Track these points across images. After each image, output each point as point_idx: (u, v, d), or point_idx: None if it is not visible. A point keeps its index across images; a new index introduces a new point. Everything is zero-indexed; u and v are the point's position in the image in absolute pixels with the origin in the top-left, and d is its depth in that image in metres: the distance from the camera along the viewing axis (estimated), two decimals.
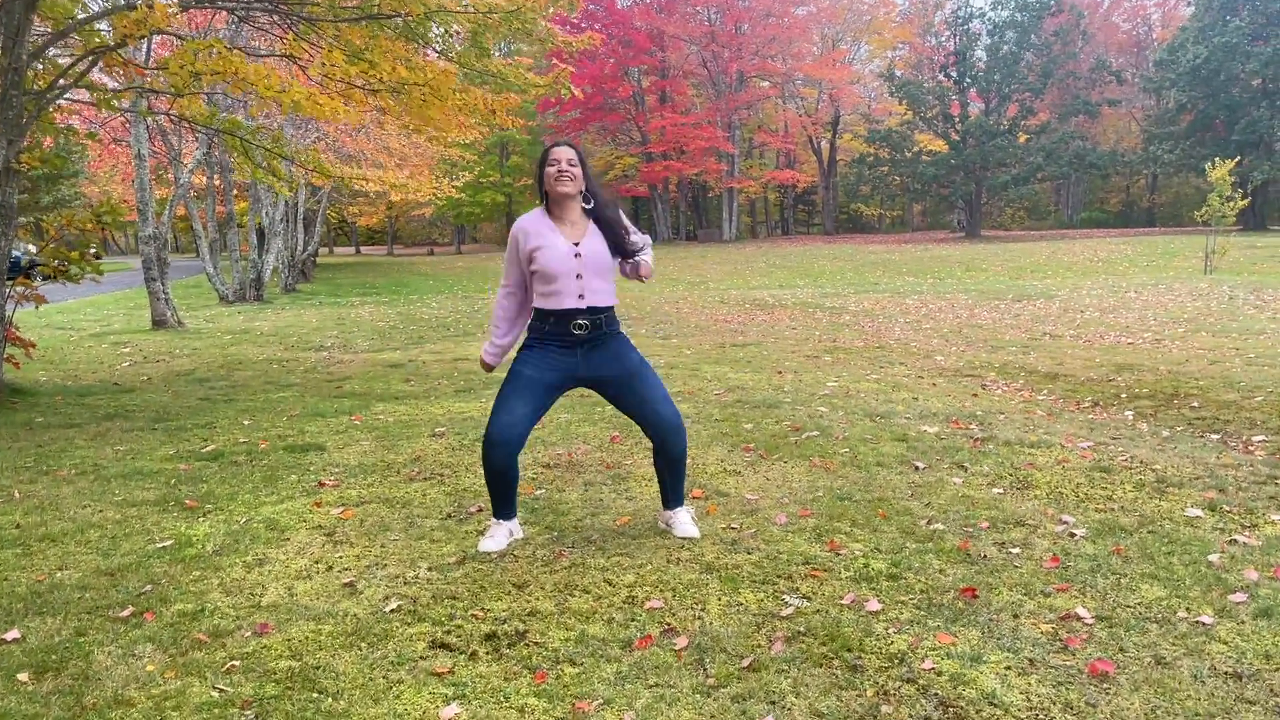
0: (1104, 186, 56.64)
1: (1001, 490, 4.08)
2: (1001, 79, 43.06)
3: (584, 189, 3.40)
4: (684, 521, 3.57)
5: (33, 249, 8.22)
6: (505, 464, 3.38)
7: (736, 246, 44.23)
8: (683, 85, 51.83)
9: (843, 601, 2.86)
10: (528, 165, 53.59)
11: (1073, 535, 3.45)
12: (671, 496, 3.61)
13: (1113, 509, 3.78)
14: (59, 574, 3.31)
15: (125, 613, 2.94)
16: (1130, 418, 6.04)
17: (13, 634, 2.80)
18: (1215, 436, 5.34)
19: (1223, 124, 40.73)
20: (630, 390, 3.45)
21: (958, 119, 44.07)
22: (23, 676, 2.53)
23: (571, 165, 3.35)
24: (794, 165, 56.04)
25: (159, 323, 13.75)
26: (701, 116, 49.59)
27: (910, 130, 45.66)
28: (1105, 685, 2.31)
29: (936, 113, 44.22)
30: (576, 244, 3.35)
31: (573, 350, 3.38)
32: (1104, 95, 45.68)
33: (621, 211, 3.57)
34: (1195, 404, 6.43)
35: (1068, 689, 2.30)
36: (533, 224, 3.41)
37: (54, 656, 2.64)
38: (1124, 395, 6.86)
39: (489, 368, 3.64)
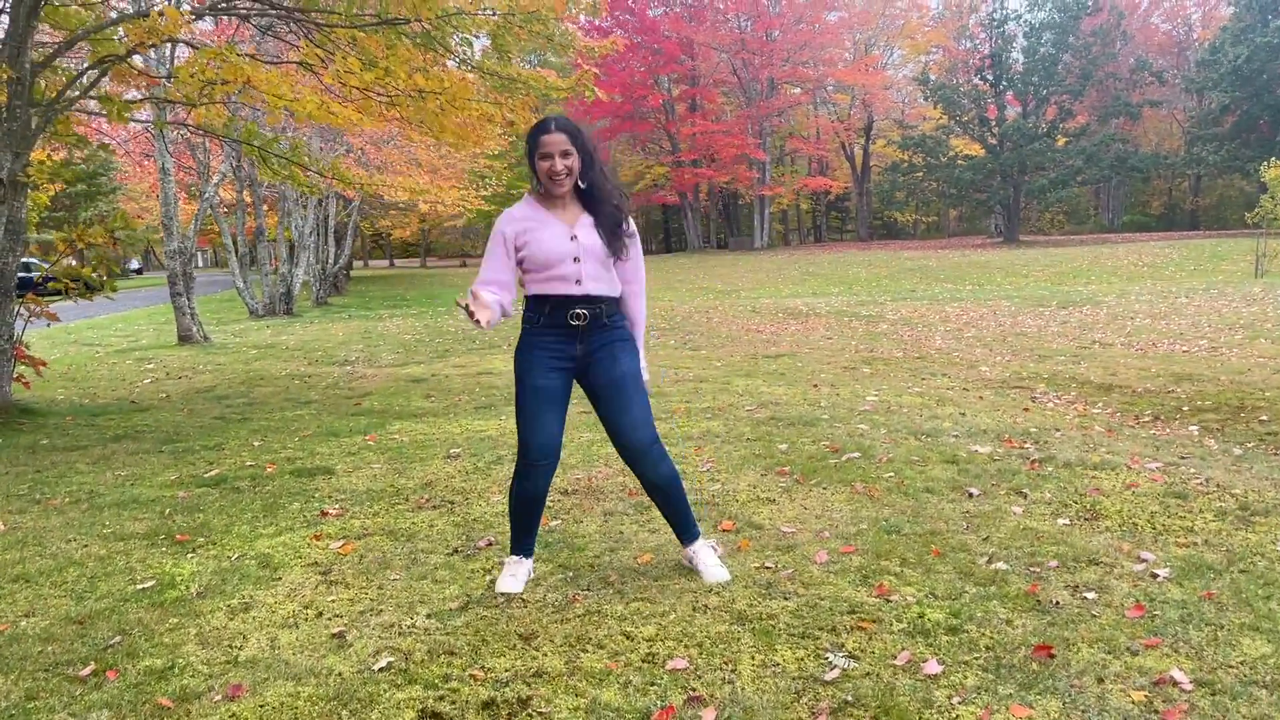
0: (1145, 189, 55.48)
1: (1068, 521, 3.67)
2: (1039, 81, 42.23)
3: (579, 175, 3.02)
4: (710, 564, 3.16)
5: (45, 264, 7.96)
6: (543, 488, 3.15)
7: (768, 254, 43.74)
8: (713, 93, 51.44)
9: (896, 662, 2.47)
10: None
11: (1155, 576, 3.04)
12: (680, 528, 3.23)
13: (1195, 543, 3.37)
14: (24, 622, 3.01)
15: (86, 670, 2.62)
16: (1196, 433, 5.61)
17: None
18: None
19: (1268, 125, 39.67)
20: (610, 400, 3.09)
21: (994, 122, 43.26)
22: None
23: (565, 158, 2.96)
24: (827, 172, 55.47)
25: (184, 338, 13.60)
26: (732, 124, 49.20)
27: (945, 135, 44.89)
28: None
29: (972, 116, 43.47)
30: (572, 227, 3.01)
31: (572, 341, 3.04)
32: (1145, 96, 44.66)
33: (624, 207, 3.13)
34: (1264, 417, 5.98)
35: None
36: (520, 214, 3.06)
37: None
38: (1185, 408, 6.42)
39: (477, 319, 2.87)
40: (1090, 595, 2.89)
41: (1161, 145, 51.18)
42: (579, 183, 3.01)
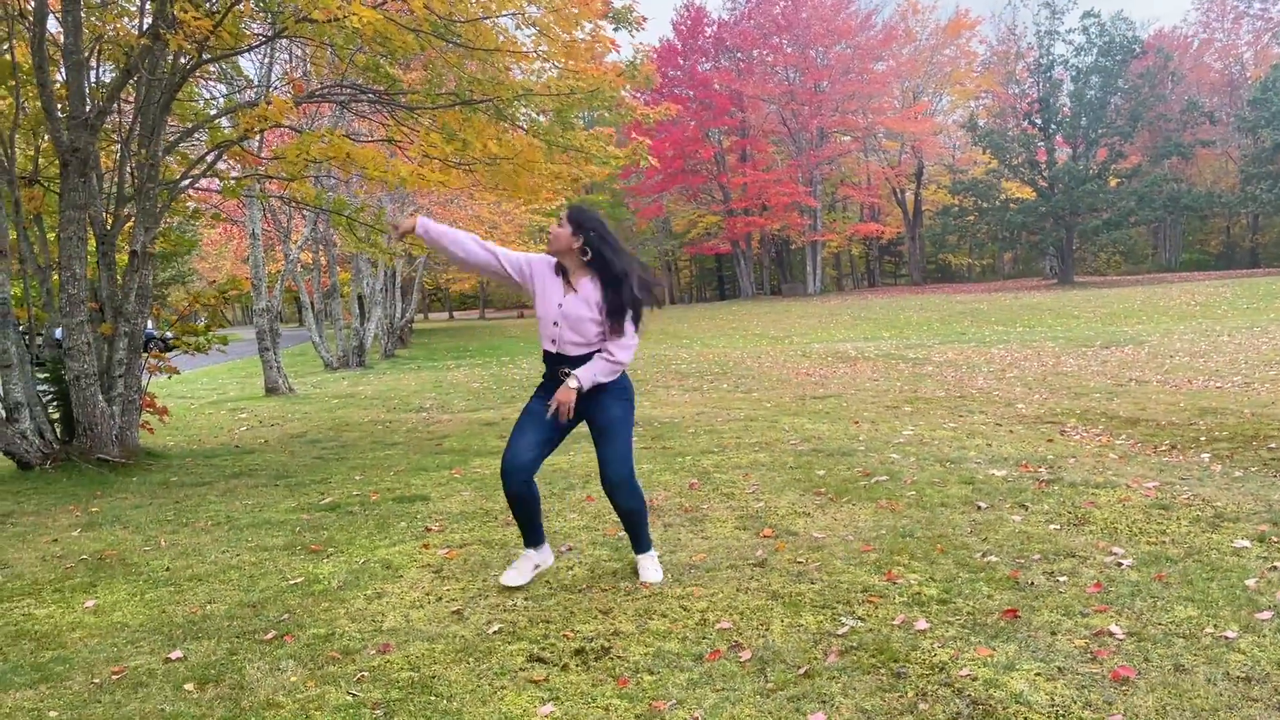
0: (1203, 228, 55.15)
1: (1058, 526, 4.31)
2: (1088, 124, 42.60)
3: (573, 246, 3.59)
4: (647, 567, 3.85)
5: (162, 322, 8.95)
6: (519, 489, 3.72)
7: (821, 299, 44.34)
8: (763, 143, 52.51)
9: (894, 622, 3.17)
10: (610, 226, 54.72)
11: (1120, 565, 3.67)
12: (634, 543, 3.90)
13: (1164, 542, 3.99)
14: (209, 607, 3.81)
15: (269, 636, 3.41)
16: (1206, 460, 6.12)
17: (176, 654, 3.29)
18: None
19: None
20: (599, 440, 3.75)
21: (1044, 166, 43.60)
22: (189, 686, 3.00)
23: (557, 227, 3.64)
24: (878, 217, 56.03)
25: (271, 389, 14.65)
26: (783, 173, 50.13)
27: (996, 179, 45.32)
28: (1124, 688, 2.58)
29: (1022, 160, 43.84)
30: (564, 298, 3.65)
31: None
32: (1197, 136, 44.70)
33: (634, 289, 3.60)
34: (1273, 445, 6.47)
35: (1089, 691, 2.57)
36: (547, 267, 3.72)
37: (212, 671, 3.12)
38: (1203, 438, 6.91)
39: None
40: (1062, 578, 3.55)
41: (1217, 184, 50.94)
42: (581, 255, 3.63)
